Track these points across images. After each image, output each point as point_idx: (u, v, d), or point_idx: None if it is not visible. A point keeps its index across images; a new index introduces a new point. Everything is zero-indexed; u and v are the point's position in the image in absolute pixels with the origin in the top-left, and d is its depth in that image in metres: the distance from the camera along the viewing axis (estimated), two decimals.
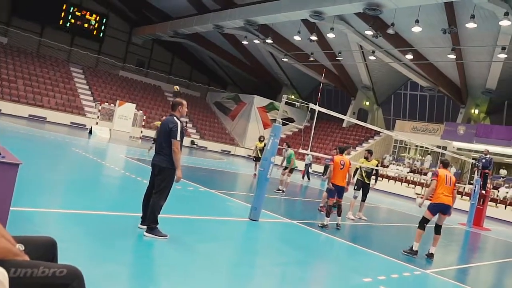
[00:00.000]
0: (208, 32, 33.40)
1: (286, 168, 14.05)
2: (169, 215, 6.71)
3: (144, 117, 29.28)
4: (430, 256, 7.52)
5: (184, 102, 5.82)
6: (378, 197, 19.19)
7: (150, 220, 5.50)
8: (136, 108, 28.59)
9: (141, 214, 5.75)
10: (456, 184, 7.86)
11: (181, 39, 37.32)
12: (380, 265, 6.64)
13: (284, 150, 14.51)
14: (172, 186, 5.68)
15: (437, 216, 7.75)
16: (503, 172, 28.58)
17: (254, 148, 17.50)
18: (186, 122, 35.40)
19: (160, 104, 36.55)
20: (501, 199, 24.62)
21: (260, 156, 15.90)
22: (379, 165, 16.79)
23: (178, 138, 5.53)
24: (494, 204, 23.49)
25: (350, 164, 9.23)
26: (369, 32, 25.13)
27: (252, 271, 5.23)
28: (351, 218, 10.45)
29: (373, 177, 11.20)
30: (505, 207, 23.89)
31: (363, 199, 11.13)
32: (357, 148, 33.11)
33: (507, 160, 28.91)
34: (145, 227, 5.58)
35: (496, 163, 27.06)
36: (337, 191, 8.96)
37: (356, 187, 10.88)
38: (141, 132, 28.32)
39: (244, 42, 33.51)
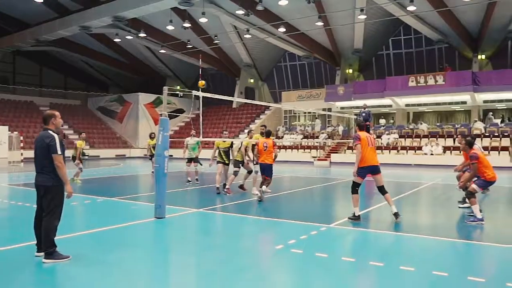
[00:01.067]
0: (75, 35, 31.29)
1: (192, 159, 14.18)
2: (69, 234, 6.32)
3: (21, 137, 26.76)
4: (396, 215, 7.41)
5: (57, 113, 5.44)
6: (278, 167, 20.01)
7: (46, 245, 5.12)
8: (9, 130, 26.07)
9: (36, 242, 5.33)
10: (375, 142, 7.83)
11: (46, 47, 34.54)
12: (289, 230, 6.99)
13: (189, 138, 14.49)
14: (64, 203, 5.33)
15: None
16: (382, 121, 31.57)
17: (147, 146, 17.12)
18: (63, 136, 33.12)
19: (37, 120, 33.66)
20: (385, 145, 27.19)
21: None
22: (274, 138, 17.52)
23: (59, 152, 5.18)
24: (380, 151, 25.87)
25: (274, 144, 10.48)
26: (240, 12, 25.61)
27: (168, 268, 5.18)
28: (256, 193, 10.75)
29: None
30: (389, 151, 26.46)
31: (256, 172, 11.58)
32: (250, 125, 33.92)
33: (384, 110, 31.97)
34: (42, 253, 5.18)
35: (374, 114, 29.77)
36: (263, 169, 10.23)
37: (255, 162, 11.17)
38: (22, 154, 25.90)
39: (117, 40, 32.11)
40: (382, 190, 7.63)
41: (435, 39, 29.09)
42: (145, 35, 29.99)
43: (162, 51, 34.10)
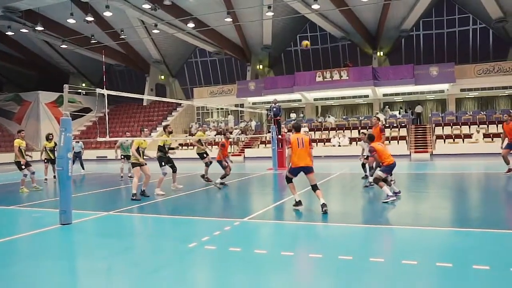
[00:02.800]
0: None
1: (126, 156, 14.80)
2: None
3: None
4: (323, 206, 7.64)
5: None
6: (191, 165, 19.91)
7: None
8: None
9: None
10: (311, 143, 8.25)
11: None
12: (203, 227, 7.04)
13: (124, 139, 14.49)
14: None
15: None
16: (292, 115, 32.71)
17: (42, 149, 15.54)
18: None
19: None
20: None
21: (52, 157, 14.67)
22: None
23: None
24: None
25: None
26: (146, 6, 24.95)
27: (76, 275, 4.97)
28: (160, 193, 10.62)
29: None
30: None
31: (174, 171, 11.49)
32: (163, 123, 33.30)
33: (294, 105, 33.15)
34: None
35: (285, 109, 30.79)
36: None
37: (163, 163, 11.00)
38: None
39: (9, 33, 29.45)
40: (314, 188, 7.96)
41: (339, 36, 30.81)
42: (42, 28, 27.90)
43: (64, 46, 32.05)
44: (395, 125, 26.99)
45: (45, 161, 15.25)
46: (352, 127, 27.92)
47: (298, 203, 8.11)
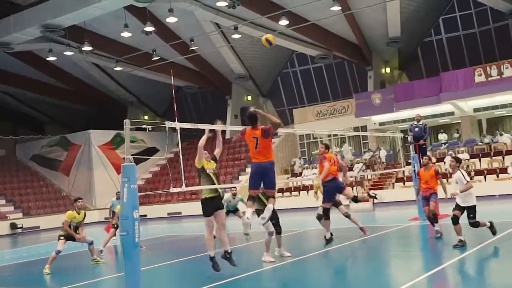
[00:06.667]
0: None
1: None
2: None
3: None
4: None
5: None
6: (297, 218, 19.94)
7: None
8: None
9: None
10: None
11: None
12: None
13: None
14: None
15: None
16: (442, 137, 31.52)
17: (110, 209, 16.83)
18: None
19: None
20: (450, 171, 27.01)
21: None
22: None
23: None
24: (446, 180, 25.69)
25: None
26: (222, 3, 25.92)
27: None
28: (285, 254, 11.11)
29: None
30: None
31: (278, 232, 11.48)
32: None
33: (443, 120, 31.94)
34: None
35: (431, 127, 29.76)
36: None
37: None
38: None
39: (51, 58, 32.23)
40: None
41: (507, 10, 29.35)
42: (91, 48, 30.17)
43: (118, 68, 34.35)
44: None
45: (115, 226, 15.89)
46: None
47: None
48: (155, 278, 10.70)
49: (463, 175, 10.64)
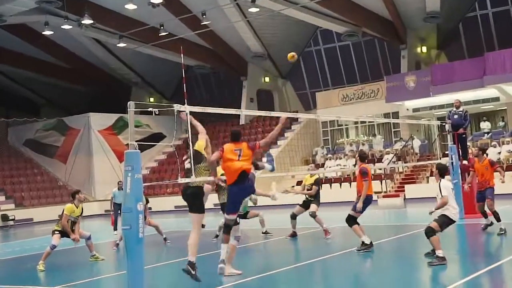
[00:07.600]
0: None
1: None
2: None
3: None
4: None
5: None
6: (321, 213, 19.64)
7: None
8: None
9: None
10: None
11: None
12: None
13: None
14: None
15: None
16: (485, 125, 31.04)
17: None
18: None
19: None
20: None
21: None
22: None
23: None
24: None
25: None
26: None
27: None
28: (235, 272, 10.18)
29: None
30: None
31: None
32: (272, 149, 33.48)
33: (486, 107, 31.47)
34: None
35: (472, 114, 29.20)
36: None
37: None
38: None
39: (47, 33, 32.14)
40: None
41: None
42: (91, 21, 30.07)
43: (121, 44, 34.29)
44: None
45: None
46: None
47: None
48: (159, 277, 10.73)
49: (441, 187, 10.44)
